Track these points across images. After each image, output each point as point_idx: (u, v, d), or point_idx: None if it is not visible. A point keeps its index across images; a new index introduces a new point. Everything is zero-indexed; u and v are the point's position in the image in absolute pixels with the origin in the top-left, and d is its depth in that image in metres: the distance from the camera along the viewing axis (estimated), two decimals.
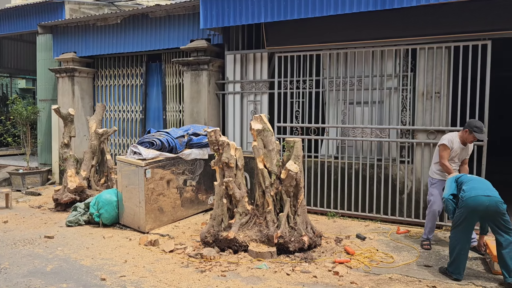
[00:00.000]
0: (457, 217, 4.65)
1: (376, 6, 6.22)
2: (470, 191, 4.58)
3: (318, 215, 7.30)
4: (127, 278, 4.77)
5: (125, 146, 10.27)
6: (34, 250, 5.74)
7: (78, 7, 10.82)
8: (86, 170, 8.34)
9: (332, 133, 7.41)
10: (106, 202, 6.81)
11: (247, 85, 8.14)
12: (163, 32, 9.01)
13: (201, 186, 7.47)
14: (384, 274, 4.80)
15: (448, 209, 4.81)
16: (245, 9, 7.24)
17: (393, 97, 6.86)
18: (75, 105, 10.14)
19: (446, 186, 4.96)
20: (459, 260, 4.63)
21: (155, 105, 9.92)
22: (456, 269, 4.64)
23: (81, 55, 10.17)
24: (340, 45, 7.09)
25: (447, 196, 4.81)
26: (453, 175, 5.10)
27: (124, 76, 10.23)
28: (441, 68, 6.39)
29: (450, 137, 5.53)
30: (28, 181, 10.01)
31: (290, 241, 5.30)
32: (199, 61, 8.21)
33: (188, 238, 6.19)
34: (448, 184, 4.94)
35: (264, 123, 5.68)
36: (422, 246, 5.64)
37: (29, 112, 10.49)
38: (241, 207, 5.64)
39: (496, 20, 5.93)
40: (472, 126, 5.28)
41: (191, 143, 7.25)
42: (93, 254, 5.58)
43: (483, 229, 4.99)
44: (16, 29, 11.42)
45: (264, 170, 5.60)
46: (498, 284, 4.51)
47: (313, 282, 4.61)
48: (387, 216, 6.80)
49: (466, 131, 5.36)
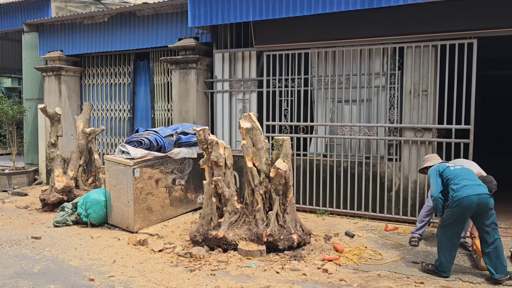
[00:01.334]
0: (448, 216, 4.64)
1: (363, 5, 6.25)
2: (461, 191, 4.55)
3: (307, 213, 7.33)
4: (116, 278, 4.74)
5: (113, 146, 10.19)
6: (21, 251, 5.67)
7: (65, 5, 10.69)
8: (73, 170, 8.26)
9: (320, 132, 7.44)
10: (94, 202, 6.75)
11: (236, 83, 8.14)
12: (151, 31, 8.94)
13: (190, 185, 7.45)
14: (373, 271, 4.84)
15: (438, 208, 4.79)
16: (233, 8, 7.23)
17: (381, 95, 6.91)
18: (62, 104, 10.03)
19: (432, 181, 4.90)
20: (450, 257, 4.67)
21: (143, 104, 9.85)
22: (447, 267, 4.68)
23: (68, 53, 10.05)
24: (328, 44, 7.12)
25: (437, 195, 4.77)
26: (435, 166, 5.03)
27: (112, 74, 10.14)
28: (428, 67, 6.45)
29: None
30: (14, 181, 9.88)
31: (279, 239, 5.32)
32: (187, 59, 8.18)
33: (177, 237, 6.17)
34: (434, 179, 4.87)
35: (253, 121, 5.68)
36: (410, 242, 5.70)
37: (15, 111, 10.36)
38: (231, 206, 5.64)
39: (481, 19, 6.00)
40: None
41: (179, 142, 7.22)
42: (81, 254, 5.53)
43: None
44: (1, 27, 11.23)
45: (253, 169, 5.60)
46: (485, 279, 4.57)
47: (302, 280, 4.63)
48: (375, 213, 6.86)
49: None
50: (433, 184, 4.89)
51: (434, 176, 4.89)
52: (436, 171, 4.92)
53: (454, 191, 4.61)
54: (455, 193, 4.58)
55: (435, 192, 4.80)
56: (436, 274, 4.71)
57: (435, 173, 4.90)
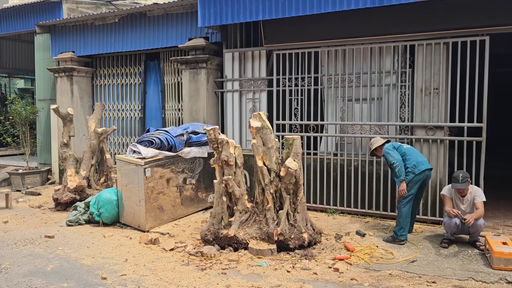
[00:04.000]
0: (410, 188, 5.62)
1: (374, 3, 6.22)
2: (419, 166, 5.61)
3: (318, 212, 7.31)
4: (127, 276, 4.78)
5: (124, 145, 10.27)
6: (34, 250, 5.75)
7: (76, 6, 10.80)
8: (85, 170, 8.34)
9: (331, 130, 7.41)
10: (106, 201, 6.82)
11: (246, 83, 8.14)
12: (161, 31, 8.99)
13: (200, 184, 7.48)
14: (384, 270, 4.82)
15: (402, 171, 5.60)
16: (243, 7, 7.23)
17: (392, 94, 6.87)
18: (74, 104, 10.14)
19: (392, 153, 5.69)
20: (408, 224, 5.70)
21: (154, 104, 9.91)
22: (405, 232, 5.65)
23: (80, 54, 10.15)
24: (339, 42, 7.09)
25: (401, 160, 5.65)
26: (389, 144, 5.91)
27: (123, 75, 10.22)
28: (440, 64, 6.39)
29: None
30: (28, 181, 10.01)
31: (290, 238, 5.32)
32: (197, 59, 8.21)
33: (188, 236, 6.20)
34: (393, 152, 5.71)
35: (263, 121, 5.68)
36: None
37: (28, 112, 10.49)
38: (241, 205, 5.65)
39: (494, 16, 5.93)
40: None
41: (190, 142, 7.25)
42: (94, 253, 5.59)
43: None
44: (14, 29, 11.40)
45: (264, 168, 5.60)
46: (498, 279, 4.52)
47: (313, 279, 4.62)
48: (386, 212, 6.82)
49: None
50: (393, 155, 5.69)
51: (393, 150, 5.76)
52: (392, 146, 5.81)
53: (415, 166, 5.62)
54: (415, 168, 5.61)
55: (398, 159, 5.63)
56: (397, 242, 5.63)
57: (392, 148, 5.79)
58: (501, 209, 7.09)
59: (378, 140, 6.10)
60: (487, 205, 5.60)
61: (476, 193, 5.40)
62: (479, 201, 5.33)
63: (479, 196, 5.36)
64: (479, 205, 5.31)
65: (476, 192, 5.42)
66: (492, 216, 6.66)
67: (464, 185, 5.31)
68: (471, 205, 5.41)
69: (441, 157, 6.45)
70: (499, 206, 7.24)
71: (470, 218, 5.14)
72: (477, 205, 5.33)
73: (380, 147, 6.02)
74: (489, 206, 6.72)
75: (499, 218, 6.61)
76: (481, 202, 5.32)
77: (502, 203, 7.43)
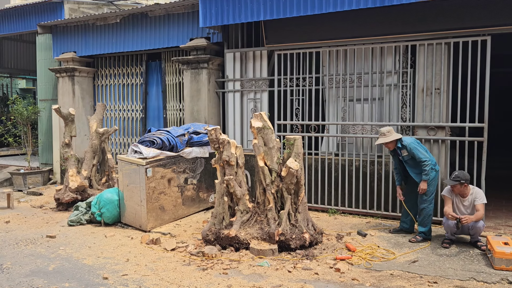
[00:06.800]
0: (433, 187, 5.68)
1: (375, 3, 6.21)
2: (436, 164, 5.72)
3: (319, 212, 7.32)
4: (129, 276, 4.79)
5: (125, 145, 10.28)
6: (36, 250, 5.76)
7: (78, 6, 10.82)
8: (87, 170, 8.35)
9: (332, 130, 7.41)
10: (108, 201, 6.83)
11: (247, 83, 8.15)
12: (163, 31, 9.00)
13: (202, 185, 7.48)
14: (386, 271, 4.81)
15: (430, 172, 5.58)
16: (244, 7, 7.24)
17: (393, 94, 6.86)
18: (76, 104, 10.15)
19: (421, 149, 5.63)
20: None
21: (155, 104, 9.92)
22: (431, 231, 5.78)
23: (81, 54, 10.17)
24: (340, 42, 7.09)
25: (431, 160, 5.65)
26: (411, 137, 5.88)
27: (124, 75, 10.23)
28: (441, 64, 6.39)
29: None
30: (29, 181, 10.02)
31: (291, 239, 5.32)
32: (198, 59, 8.22)
33: (189, 236, 6.20)
34: (423, 147, 5.69)
35: (264, 121, 5.69)
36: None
37: (29, 112, 10.51)
38: (242, 205, 5.66)
39: (495, 16, 5.92)
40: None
41: (191, 142, 7.26)
42: (95, 253, 5.60)
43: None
44: (15, 29, 11.42)
45: (265, 168, 5.60)
46: (499, 279, 4.52)
47: (314, 279, 4.62)
48: (388, 212, 6.81)
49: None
50: (424, 152, 5.61)
51: (420, 146, 5.69)
52: (417, 142, 5.72)
53: (435, 163, 5.71)
54: (436, 165, 5.71)
55: (430, 157, 5.63)
56: (426, 240, 5.69)
57: (418, 143, 5.72)
58: (503, 209, 7.08)
59: (396, 134, 5.79)
60: (489, 205, 5.60)
61: (477, 194, 5.39)
62: (479, 203, 5.32)
63: (480, 198, 5.35)
64: (479, 207, 5.30)
65: (477, 193, 5.41)
66: (494, 216, 6.66)
67: (451, 182, 5.36)
68: (472, 206, 5.40)
69: (442, 157, 6.44)
70: (501, 206, 7.23)
71: (467, 217, 5.18)
72: (477, 207, 5.32)
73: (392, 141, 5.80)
74: (491, 206, 6.73)
75: (500, 218, 6.60)
76: (481, 204, 5.31)
77: (504, 203, 7.42)
